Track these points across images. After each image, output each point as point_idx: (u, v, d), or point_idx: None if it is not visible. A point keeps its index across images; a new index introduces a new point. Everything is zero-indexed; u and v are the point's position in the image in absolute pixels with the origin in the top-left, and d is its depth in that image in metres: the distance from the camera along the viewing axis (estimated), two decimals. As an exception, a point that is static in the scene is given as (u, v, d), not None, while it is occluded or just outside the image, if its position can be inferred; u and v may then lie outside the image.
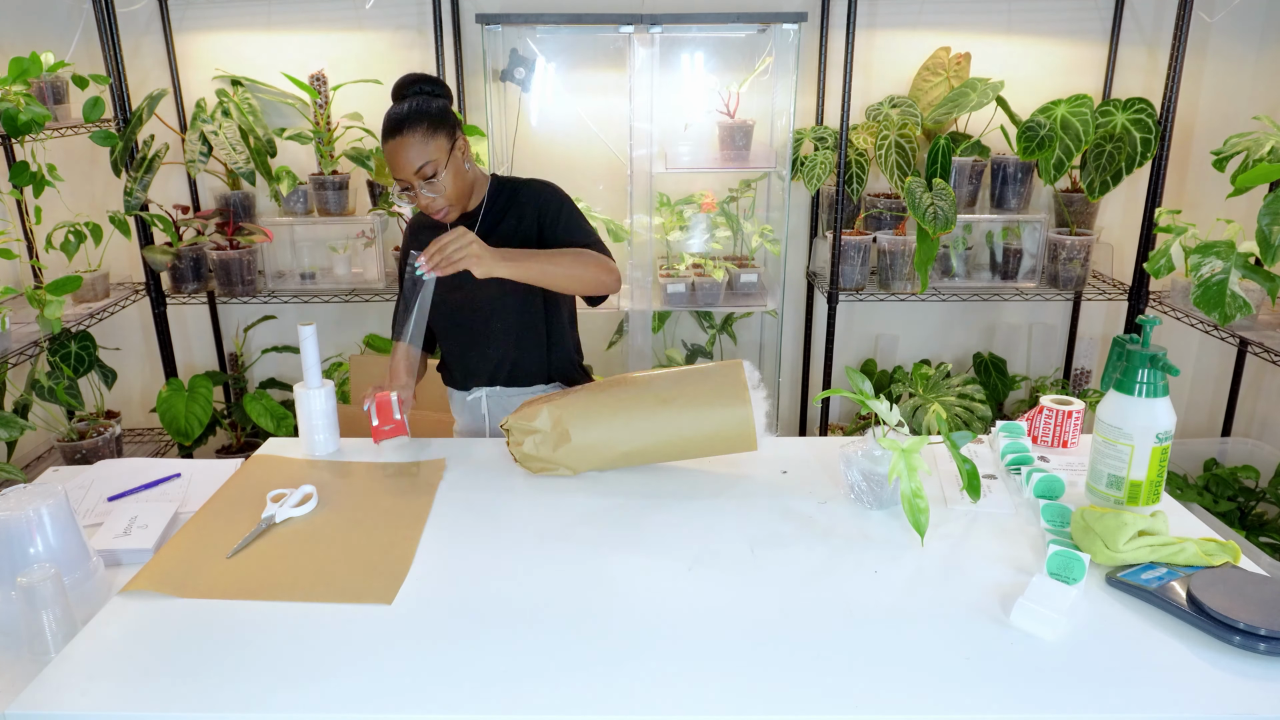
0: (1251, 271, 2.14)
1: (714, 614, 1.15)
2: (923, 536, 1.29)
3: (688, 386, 1.51)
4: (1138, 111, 2.59)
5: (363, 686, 1.01)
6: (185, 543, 1.32)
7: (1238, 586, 1.12)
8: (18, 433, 2.22)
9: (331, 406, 1.66)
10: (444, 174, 1.64)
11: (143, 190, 2.54)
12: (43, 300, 2.28)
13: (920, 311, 3.25)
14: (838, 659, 1.05)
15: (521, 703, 0.98)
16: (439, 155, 1.63)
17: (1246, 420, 3.06)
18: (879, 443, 1.36)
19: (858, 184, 2.80)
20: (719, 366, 1.54)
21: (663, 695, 0.99)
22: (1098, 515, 1.25)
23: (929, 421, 2.74)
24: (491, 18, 2.67)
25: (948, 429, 1.38)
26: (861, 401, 1.41)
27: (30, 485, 1.25)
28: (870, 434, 1.42)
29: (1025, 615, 1.11)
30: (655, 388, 1.52)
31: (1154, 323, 1.38)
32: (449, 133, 1.66)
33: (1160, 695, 0.99)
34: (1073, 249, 2.80)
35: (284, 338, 3.17)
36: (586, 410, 1.51)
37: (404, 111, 1.63)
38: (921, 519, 1.28)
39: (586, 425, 1.50)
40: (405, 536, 1.33)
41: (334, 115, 2.86)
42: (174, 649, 1.08)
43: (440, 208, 1.68)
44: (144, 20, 2.87)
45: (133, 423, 3.22)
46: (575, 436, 1.49)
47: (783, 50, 2.82)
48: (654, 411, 1.49)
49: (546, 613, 1.15)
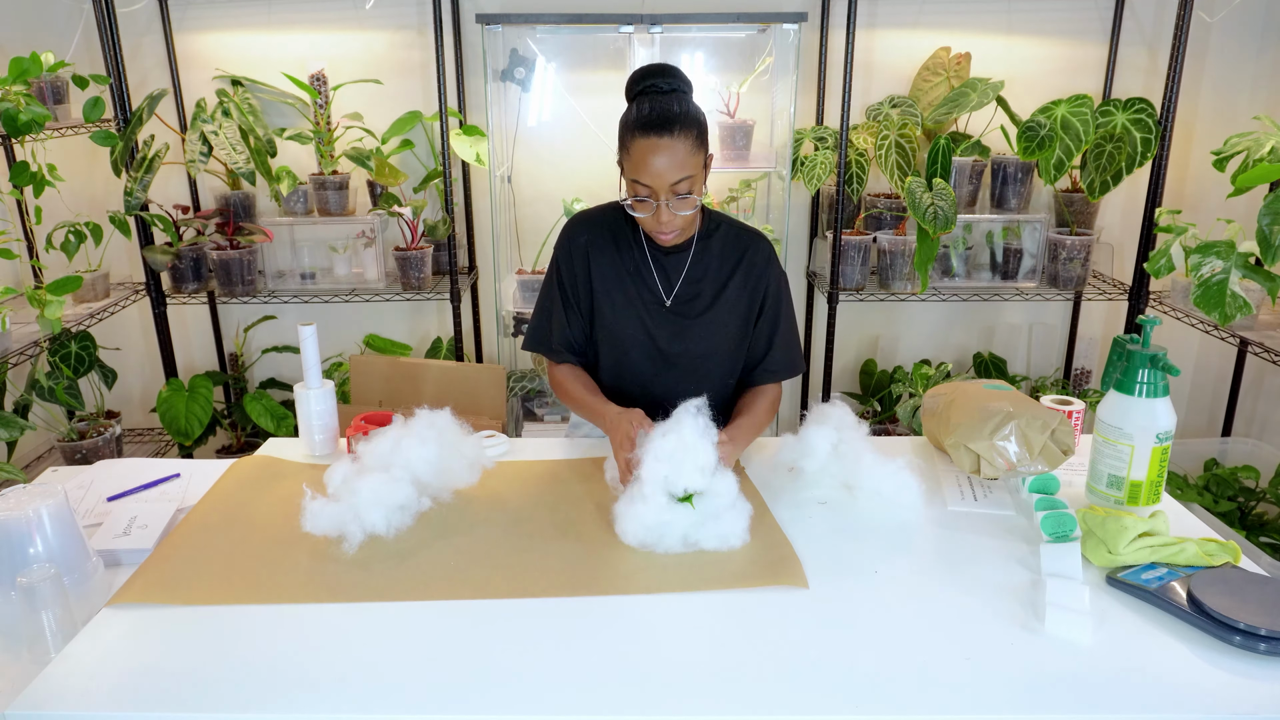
0: (1251, 271, 2.14)
1: (714, 614, 1.15)
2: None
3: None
4: (1138, 111, 2.58)
5: (363, 686, 1.01)
6: (172, 551, 1.30)
7: (1238, 586, 1.12)
8: (18, 433, 2.22)
9: (331, 406, 1.66)
10: (695, 195, 1.45)
11: (143, 190, 2.54)
12: (43, 300, 2.28)
13: (920, 311, 3.25)
14: (838, 659, 1.05)
15: (522, 703, 0.98)
16: (699, 172, 1.43)
17: (1246, 420, 3.05)
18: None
19: (858, 184, 2.80)
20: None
21: (663, 695, 0.99)
22: (1099, 518, 1.25)
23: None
24: (491, 18, 2.67)
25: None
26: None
27: (30, 485, 1.25)
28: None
29: (1059, 622, 1.10)
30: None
31: (1154, 323, 1.38)
32: (707, 150, 1.46)
33: (1160, 695, 0.99)
34: (1073, 249, 2.80)
35: (284, 338, 3.17)
36: None
37: (674, 108, 1.40)
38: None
39: None
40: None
41: (334, 115, 2.86)
42: (173, 649, 1.08)
43: (675, 229, 1.48)
44: (144, 20, 2.87)
45: (133, 423, 3.22)
46: None
47: (783, 50, 2.82)
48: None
49: (546, 612, 1.15)
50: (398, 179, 2.80)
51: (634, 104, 1.47)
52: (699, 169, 1.44)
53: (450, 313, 2.89)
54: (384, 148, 2.90)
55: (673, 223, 1.46)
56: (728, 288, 1.61)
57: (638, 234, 1.62)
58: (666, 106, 1.41)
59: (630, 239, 1.63)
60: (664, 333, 1.62)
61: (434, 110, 2.89)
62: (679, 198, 1.44)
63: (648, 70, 1.48)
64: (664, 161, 1.40)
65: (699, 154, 1.43)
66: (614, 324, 1.63)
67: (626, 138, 1.44)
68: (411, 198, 2.96)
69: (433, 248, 2.89)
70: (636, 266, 1.62)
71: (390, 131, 2.89)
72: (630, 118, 1.44)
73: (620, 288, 1.62)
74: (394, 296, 2.84)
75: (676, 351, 1.63)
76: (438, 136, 2.82)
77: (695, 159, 1.42)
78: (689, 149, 1.41)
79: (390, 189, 2.89)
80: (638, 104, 1.45)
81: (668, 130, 1.39)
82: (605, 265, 1.62)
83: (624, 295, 1.62)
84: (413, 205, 2.81)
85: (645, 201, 1.45)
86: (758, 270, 1.61)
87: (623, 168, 1.48)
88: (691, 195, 1.44)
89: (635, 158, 1.42)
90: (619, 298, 1.62)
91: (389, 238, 2.95)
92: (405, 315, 3.22)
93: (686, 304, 1.62)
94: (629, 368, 1.66)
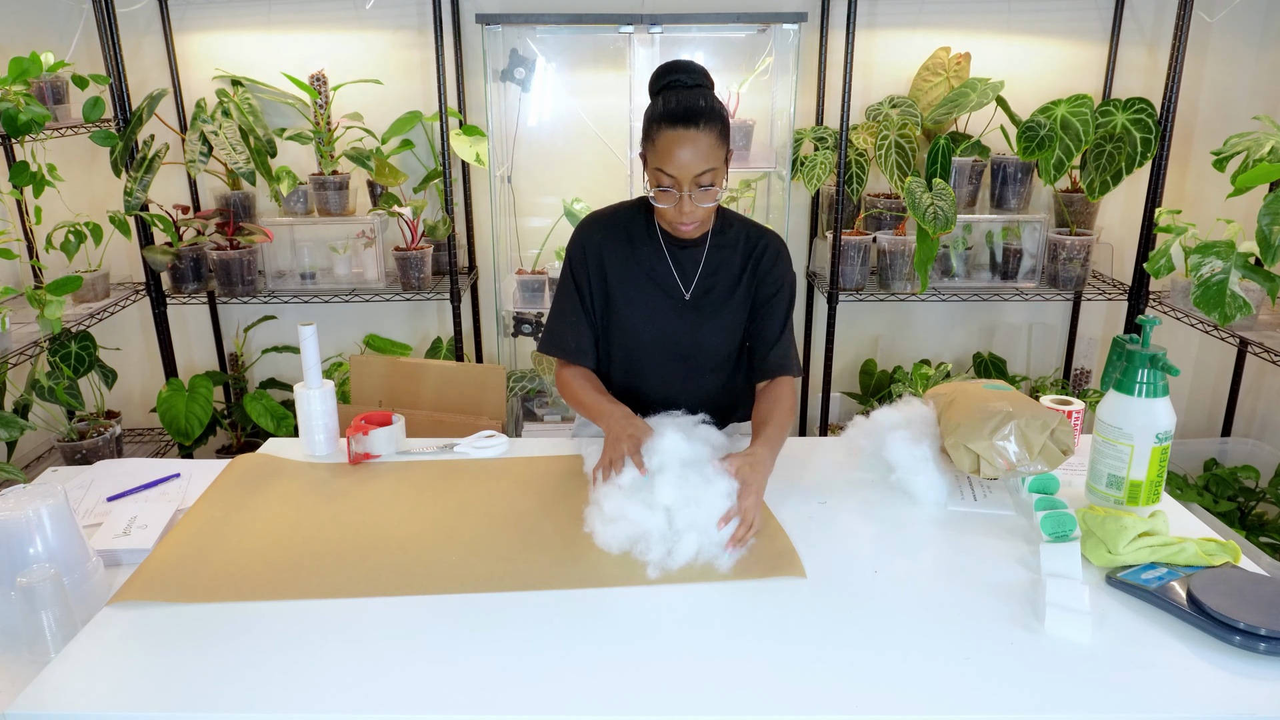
0: (1251, 271, 2.14)
1: (714, 614, 1.15)
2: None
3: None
4: (1138, 111, 2.58)
5: (363, 686, 1.01)
6: (172, 550, 1.30)
7: (1238, 586, 1.12)
8: (18, 433, 2.22)
9: (331, 406, 1.66)
10: (718, 188, 1.49)
11: (143, 190, 2.54)
12: (43, 300, 2.28)
13: (920, 311, 3.25)
14: (838, 659, 1.05)
15: (521, 703, 0.98)
16: (721, 166, 1.47)
17: (1246, 420, 3.05)
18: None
19: (858, 184, 2.80)
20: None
21: (663, 695, 0.99)
22: (1099, 518, 1.25)
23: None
24: (491, 18, 2.67)
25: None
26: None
27: (30, 485, 1.25)
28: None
29: (1059, 622, 1.10)
30: None
31: (1154, 323, 1.38)
32: (729, 145, 1.50)
33: (1160, 695, 0.99)
34: (1073, 249, 2.80)
35: (284, 338, 3.16)
36: None
37: (700, 103, 1.44)
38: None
39: None
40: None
41: (334, 115, 2.86)
42: (173, 649, 1.08)
43: (695, 221, 1.51)
44: (144, 20, 2.87)
45: (133, 423, 3.22)
46: None
47: (783, 50, 2.82)
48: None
49: (546, 608, 1.15)
50: (398, 179, 2.80)
51: (659, 97, 1.50)
52: (721, 163, 1.47)
53: (450, 313, 2.89)
54: (384, 148, 2.90)
55: (695, 214, 1.49)
56: (743, 282, 1.63)
57: (652, 230, 1.64)
58: (693, 100, 1.44)
59: (644, 235, 1.64)
60: (682, 326, 1.63)
61: (434, 110, 2.89)
62: (701, 189, 1.47)
63: (672, 66, 1.52)
64: (689, 153, 1.43)
65: (722, 148, 1.47)
66: (630, 319, 1.64)
67: (653, 129, 1.47)
68: (411, 198, 2.96)
69: (433, 248, 2.89)
70: (652, 262, 1.64)
71: (390, 132, 2.89)
72: (657, 110, 1.47)
73: (636, 283, 1.63)
74: (394, 296, 2.84)
75: (693, 345, 1.64)
76: (438, 137, 2.82)
77: (718, 152, 1.46)
78: (713, 142, 1.44)
79: (390, 189, 2.89)
80: (663, 98, 1.48)
81: (694, 123, 1.43)
82: (620, 262, 1.63)
83: (640, 290, 1.63)
84: (413, 205, 2.81)
85: (669, 192, 1.48)
86: (768, 263, 1.64)
87: (645, 160, 1.52)
88: (714, 187, 1.47)
89: (661, 149, 1.45)
90: (635, 293, 1.63)
91: (389, 238, 2.95)
92: (405, 315, 3.22)
93: (704, 297, 1.64)
94: (644, 363, 1.67)
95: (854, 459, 1.60)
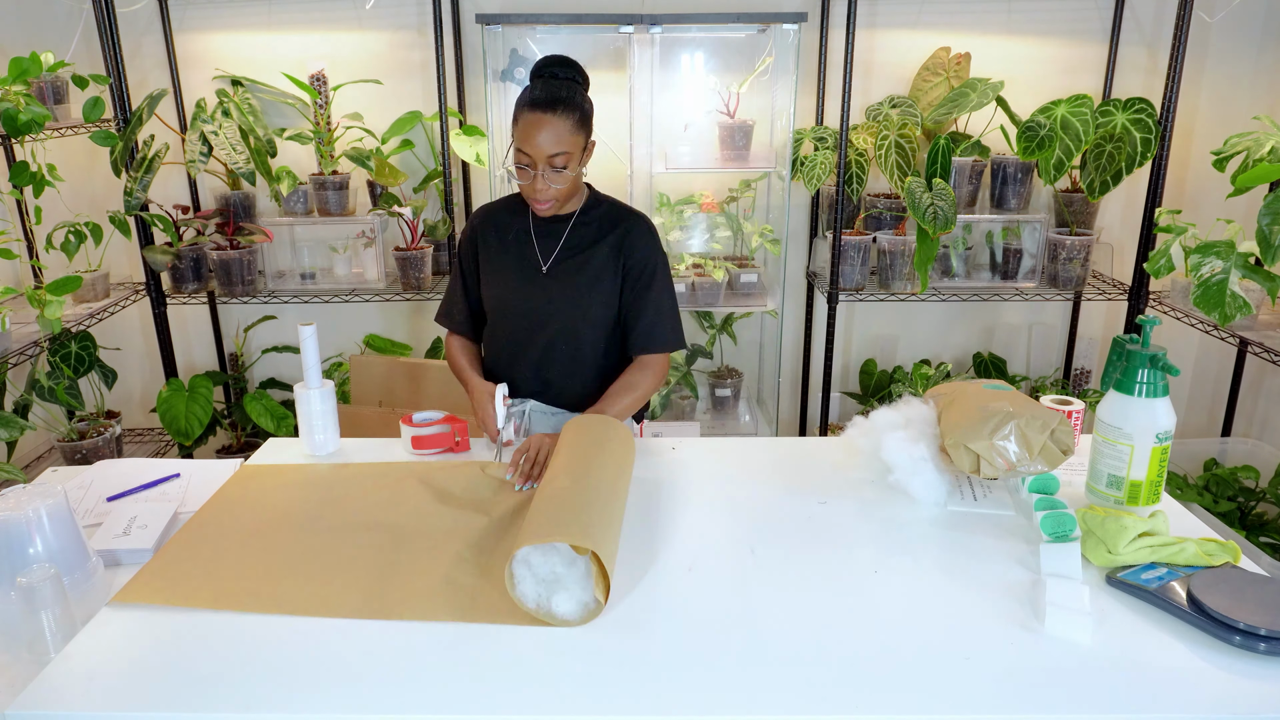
0: (1251, 271, 2.14)
1: (714, 614, 1.15)
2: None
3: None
4: (1138, 111, 2.58)
5: (363, 686, 1.01)
6: (176, 555, 1.29)
7: (1238, 586, 1.12)
8: (18, 433, 2.22)
9: (331, 406, 1.66)
10: (570, 171, 1.65)
11: (143, 190, 2.54)
12: (43, 300, 2.28)
13: (920, 311, 3.25)
14: (838, 659, 1.05)
15: (521, 703, 0.98)
16: (575, 151, 1.65)
17: (1246, 420, 3.05)
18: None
19: (858, 184, 2.80)
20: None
21: (663, 695, 0.99)
22: (1099, 518, 1.25)
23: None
24: (491, 18, 2.67)
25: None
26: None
27: (30, 485, 1.25)
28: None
29: (1059, 622, 1.10)
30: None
31: (1154, 323, 1.38)
32: (588, 134, 1.68)
33: (1160, 695, 0.99)
34: (1073, 249, 2.80)
35: (284, 338, 3.17)
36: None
37: (562, 93, 1.62)
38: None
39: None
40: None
41: (334, 115, 2.86)
42: (173, 649, 1.08)
43: (549, 198, 1.68)
44: (144, 20, 2.87)
45: (133, 423, 3.22)
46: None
47: (783, 50, 2.82)
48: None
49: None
50: (398, 179, 2.80)
51: (531, 84, 1.67)
52: (578, 149, 1.65)
53: (450, 313, 2.88)
54: (384, 148, 2.90)
55: (547, 191, 1.66)
56: (601, 257, 1.77)
57: (528, 214, 1.81)
58: (556, 90, 1.62)
59: (518, 216, 1.83)
60: (539, 297, 1.78)
61: (434, 110, 2.89)
62: (554, 170, 1.63)
63: (551, 60, 1.69)
64: (544, 135, 1.60)
65: (578, 136, 1.64)
66: (495, 290, 1.82)
67: (517, 112, 1.64)
68: (411, 198, 2.96)
69: (433, 248, 2.89)
70: (519, 239, 1.81)
71: (390, 131, 2.89)
72: (524, 96, 1.65)
73: (503, 258, 1.81)
74: (394, 296, 2.84)
75: (546, 314, 1.78)
76: (438, 136, 2.82)
77: (574, 139, 1.63)
78: (569, 129, 1.61)
79: (390, 189, 2.89)
80: (533, 85, 1.66)
81: (552, 109, 1.60)
82: (492, 240, 1.82)
83: (504, 264, 1.81)
84: (413, 205, 2.81)
85: (525, 169, 1.65)
86: (631, 242, 1.77)
87: (513, 139, 1.68)
88: (566, 170, 1.64)
89: (520, 129, 1.63)
90: (500, 267, 1.81)
91: (389, 238, 2.95)
92: (405, 315, 3.22)
93: (560, 268, 1.78)
94: (509, 332, 1.83)
95: (853, 459, 1.60)
